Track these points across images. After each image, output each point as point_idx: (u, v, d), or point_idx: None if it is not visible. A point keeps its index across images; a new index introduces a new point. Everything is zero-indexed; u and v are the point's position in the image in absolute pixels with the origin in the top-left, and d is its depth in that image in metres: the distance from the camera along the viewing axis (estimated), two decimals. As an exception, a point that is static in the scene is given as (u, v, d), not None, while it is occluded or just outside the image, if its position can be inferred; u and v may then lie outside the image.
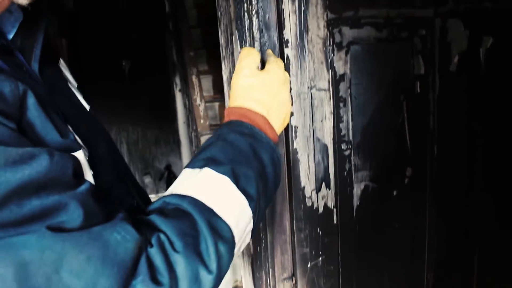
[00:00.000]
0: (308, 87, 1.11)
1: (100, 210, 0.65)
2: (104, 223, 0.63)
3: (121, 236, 0.62)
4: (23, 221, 0.56)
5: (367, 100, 1.19)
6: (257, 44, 1.11)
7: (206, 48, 4.64)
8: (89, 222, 0.61)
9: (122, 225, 0.64)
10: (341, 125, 1.17)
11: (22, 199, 0.57)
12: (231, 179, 0.79)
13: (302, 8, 1.10)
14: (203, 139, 3.08)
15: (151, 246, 0.65)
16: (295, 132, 1.12)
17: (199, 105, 3.37)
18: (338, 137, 1.17)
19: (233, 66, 1.42)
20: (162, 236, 0.66)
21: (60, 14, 5.41)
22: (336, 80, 1.15)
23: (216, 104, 4.28)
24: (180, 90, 5.84)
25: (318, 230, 1.20)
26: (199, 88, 3.44)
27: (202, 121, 3.25)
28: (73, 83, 1.08)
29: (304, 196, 1.17)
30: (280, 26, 1.10)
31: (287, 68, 1.10)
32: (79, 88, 1.11)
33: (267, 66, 0.97)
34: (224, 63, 1.53)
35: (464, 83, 1.26)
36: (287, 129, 1.12)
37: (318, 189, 1.17)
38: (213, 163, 0.81)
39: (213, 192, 0.77)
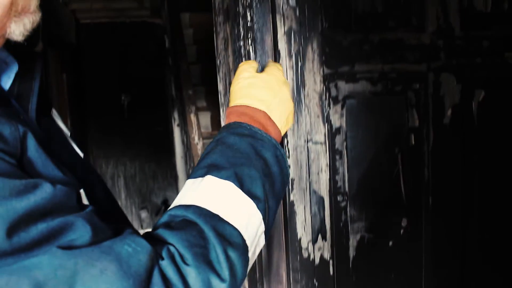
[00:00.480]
0: (305, 141, 1.13)
1: (107, 227, 0.66)
2: (113, 238, 0.63)
3: (132, 248, 0.62)
4: (32, 245, 0.57)
5: (362, 152, 1.21)
6: (255, 97, 1.13)
7: (205, 85, 4.70)
8: (98, 237, 0.61)
9: (132, 238, 0.64)
10: (337, 177, 1.18)
11: (29, 225, 0.58)
12: (234, 183, 0.77)
13: (299, 64, 1.13)
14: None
15: (162, 259, 0.65)
16: (292, 184, 1.14)
17: (197, 143, 3.39)
18: (334, 189, 1.18)
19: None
20: (172, 249, 0.66)
21: (62, 49, 5.50)
22: (332, 133, 1.17)
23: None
24: (178, 125, 5.88)
25: (315, 281, 1.20)
26: (197, 126, 3.48)
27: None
28: (66, 132, 1.09)
29: (301, 248, 1.17)
30: (278, 81, 1.13)
31: (284, 121, 1.12)
32: (72, 137, 1.12)
33: (266, 69, 0.96)
34: (223, 110, 1.56)
35: (458, 135, 1.29)
36: (283, 181, 1.13)
37: (314, 241, 1.18)
38: (214, 169, 0.79)
39: (217, 199, 0.76)
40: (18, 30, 0.78)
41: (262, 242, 0.82)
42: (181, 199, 0.78)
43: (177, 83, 4.94)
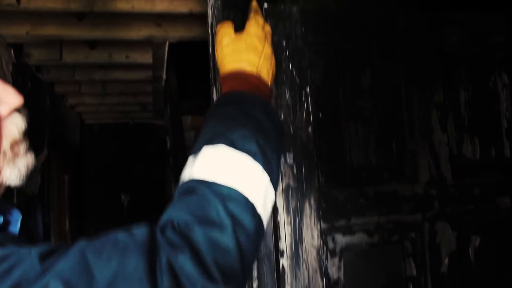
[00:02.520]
0: (303, 296, 1.13)
1: None
2: None
3: (128, 231, 0.65)
4: None
5: (362, 304, 1.20)
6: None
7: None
8: None
9: (124, 228, 0.68)
10: (336, 332, 1.17)
11: None
12: (227, 145, 0.79)
13: (297, 220, 1.16)
14: None
15: (164, 228, 0.66)
16: None
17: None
18: None
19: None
20: (175, 220, 0.68)
21: (66, 151, 5.61)
22: (330, 287, 1.17)
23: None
24: (177, 226, 5.82)
25: None
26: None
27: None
28: None
29: None
30: (276, 236, 1.15)
31: (281, 276, 1.13)
32: None
33: (246, 27, 0.98)
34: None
35: (456, 283, 1.29)
36: None
37: None
38: (208, 142, 0.80)
39: (213, 164, 0.77)
40: (14, 175, 0.83)
41: (271, 192, 0.82)
42: (183, 177, 0.80)
43: (177, 185, 4.98)
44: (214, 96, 1.62)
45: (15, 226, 0.94)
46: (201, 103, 6.14)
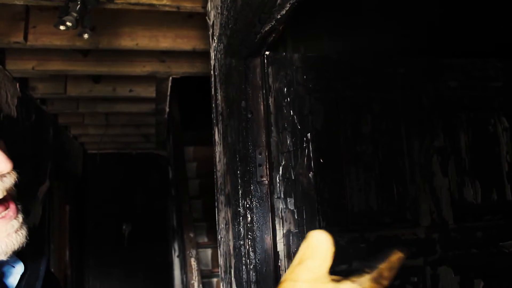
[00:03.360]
0: None
1: None
2: None
3: None
4: None
5: None
6: (255, 298, 1.15)
7: (207, 220, 4.72)
8: None
9: None
10: None
11: None
12: None
13: (298, 266, 1.16)
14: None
15: None
16: None
17: (197, 290, 3.34)
18: None
19: (230, 286, 1.45)
20: None
21: (68, 181, 5.62)
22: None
23: (214, 280, 4.22)
24: (178, 256, 5.78)
25: None
26: (197, 272, 3.44)
27: (199, 308, 3.20)
28: None
29: None
30: (277, 281, 1.15)
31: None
32: None
33: (352, 280, 0.80)
34: (223, 285, 1.56)
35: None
36: None
37: None
38: None
39: None
40: None
41: None
42: None
43: (179, 216, 4.97)
44: (216, 136, 1.64)
45: (14, 279, 0.93)
46: (203, 135, 6.19)
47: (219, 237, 1.60)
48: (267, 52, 1.23)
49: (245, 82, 1.24)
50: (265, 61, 1.22)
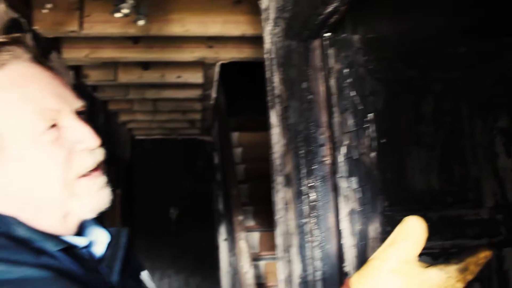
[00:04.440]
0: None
1: None
2: None
3: None
4: None
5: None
6: (318, 273, 1.18)
7: (253, 204, 4.78)
8: None
9: None
10: None
11: None
12: None
13: (361, 242, 1.18)
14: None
15: None
16: None
17: (246, 272, 3.40)
18: None
19: (290, 264, 1.48)
20: None
21: (118, 166, 5.81)
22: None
23: (262, 263, 4.29)
24: (225, 240, 5.89)
25: None
26: (247, 254, 3.50)
27: (248, 288, 3.27)
28: None
29: None
30: (340, 259, 1.17)
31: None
32: None
33: (439, 268, 0.84)
34: (281, 264, 1.60)
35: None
36: None
37: None
38: None
39: None
40: (82, 208, 0.92)
41: None
42: None
43: (226, 201, 5.06)
44: (273, 118, 1.66)
45: (100, 248, 1.01)
46: (248, 121, 6.23)
47: (277, 217, 1.63)
48: (327, 34, 1.24)
49: (306, 63, 1.26)
50: (326, 42, 1.23)
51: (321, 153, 1.22)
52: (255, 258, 4.34)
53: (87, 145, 0.92)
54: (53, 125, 0.89)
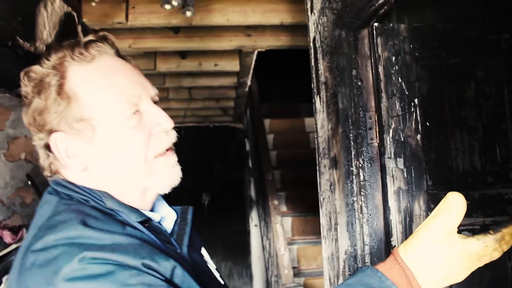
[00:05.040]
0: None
1: None
2: None
3: None
4: None
5: None
6: (367, 248, 1.28)
7: (285, 190, 4.90)
8: None
9: None
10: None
11: None
12: None
13: (407, 220, 1.27)
14: (289, 292, 3.17)
15: None
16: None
17: (283, 254, 3.51)
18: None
19: (336, 241, 1.59)
20: None
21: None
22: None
23: (295, 247, 4.41)
24: (256, 226, 6.03)
25: None
26: (283, 237, 3.62)
27: (286, 271, 3.37)
28: (212, 265, 1.30)
29: None
30: (388, 234, 1.27)
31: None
32: (216, 269, 1.34)
33: (477, 238, 0.94)
34: (325, 242, 1.70)
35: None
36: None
37: None
38: None
39: None
40: (160, 183, 1.09)
41: None
42: None
43: (258, 186, 5.17)
44: (317, 104, 1.75)
45: (169, 223, 1.15)
46: (279, 108, 6.32)
47: (321, 199, 1.73)
48: (375, 24, 1.33)
49: (355, 52, 1.35)
50: (374, 32, 1.32)
51: (370, 136, 1.31)
52: (288, 243, 4.46)
53: (164, 127, 1.05)
54: (136, 111, 1.02)
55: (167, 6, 2.09)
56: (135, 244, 0.92)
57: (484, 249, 0.96)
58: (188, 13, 2.19)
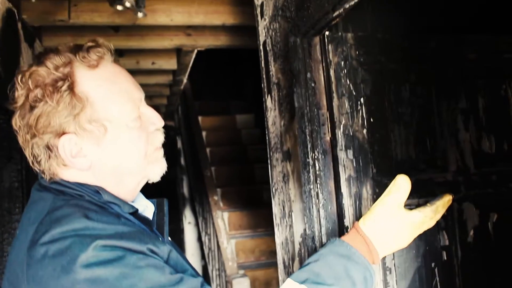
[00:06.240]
0: (365, 262, 1.45)
1: None
2: None
3: None
4: None
5: (407, 267, 1.52)
6: (323, 229, 1.47)
7: (219, 186, 5.04)
8: None
9: None
10: (389, 289, 1.49)
11: None
12: None
13: (357, 203, 1.48)
14: (235, 283, 3.30)
15: None
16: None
17: (226, 247, 3.65)
18: (387, 300, 1.48)
19: (290, 227, 1.77)
20: None
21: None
22: (384, 255, 1.49)
23: (233, 241, 4.57)
24: (189, 223, 6.11)
25: None
26: (225, 231, 3.76)
27: (230, 263, 3.51)
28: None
29: None
30: (341, 216, 1.47)
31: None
32: None
33: (418, 210, 1.21)
34: (278, 229, 1.87)
35: (480, 251, 1.61)
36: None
37: None
38: (310, 281, 1.05)
39: None
40: (154, 173, 1.19)
41: None
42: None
43: (195, 184, 5.26)
44: (268, 103, 1.91)
45: (149, 214, 1.25)
46: (210, 105, 6.43)
47: (273, 190, 1.91)
48: (326, 32, 1.52)
49: (309, 57, 1.53)
50: (326, 39, 1.51)
51: (323, 131, 1.50)
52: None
53: (158, 126, 1.17)
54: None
55: (119, 7, 2.15)
56: (136, 232, 1.02)
57: (424, 218, 1.21)
58: (140, 14, 2.26)
